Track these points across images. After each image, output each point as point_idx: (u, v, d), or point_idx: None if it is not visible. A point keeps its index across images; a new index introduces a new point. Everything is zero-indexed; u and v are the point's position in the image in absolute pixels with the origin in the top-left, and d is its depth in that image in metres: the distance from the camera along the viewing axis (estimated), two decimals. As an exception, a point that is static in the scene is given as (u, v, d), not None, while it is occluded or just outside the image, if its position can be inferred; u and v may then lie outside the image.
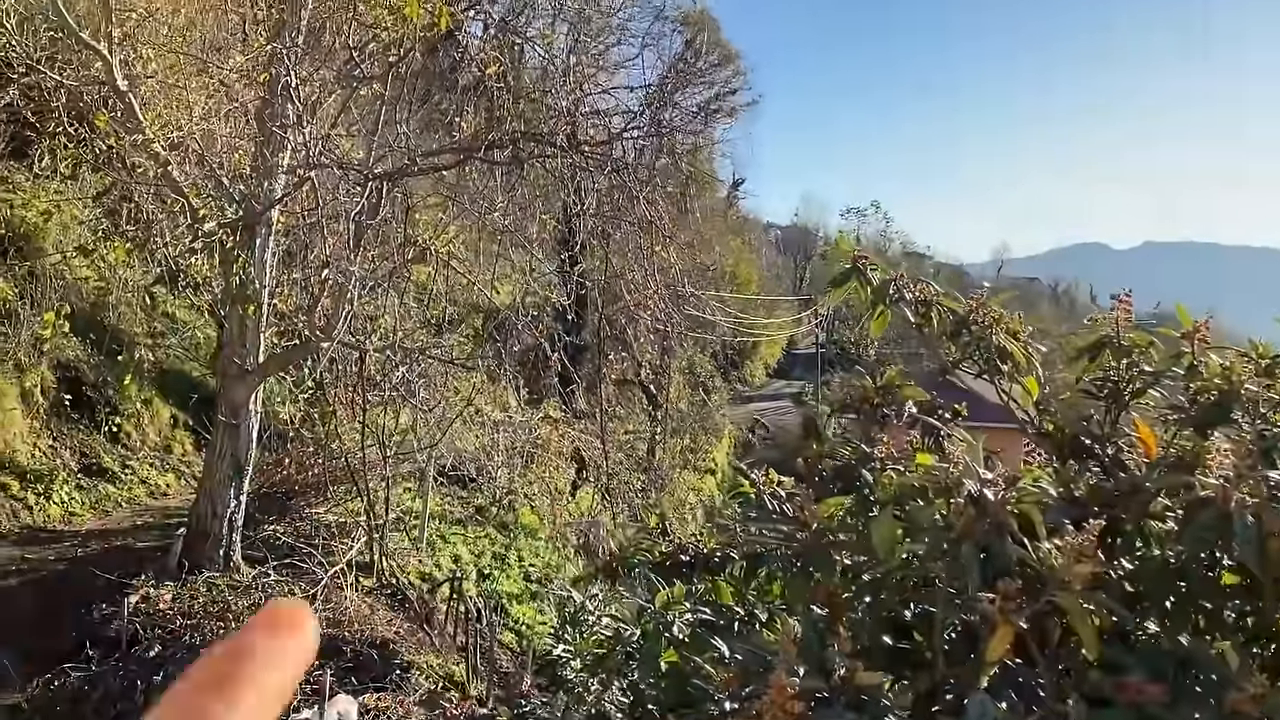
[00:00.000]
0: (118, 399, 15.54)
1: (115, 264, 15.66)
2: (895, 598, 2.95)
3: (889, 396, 3.71)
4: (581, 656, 5.56)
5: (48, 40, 11.67)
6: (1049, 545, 2.53)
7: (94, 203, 16.00)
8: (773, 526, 3.51)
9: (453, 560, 16.25)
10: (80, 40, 9.59)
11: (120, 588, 11.09)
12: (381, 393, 15.24)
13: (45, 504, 13.36)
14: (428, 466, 16.16)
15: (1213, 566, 2.86)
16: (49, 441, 14.30)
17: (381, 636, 11.49)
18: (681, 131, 25.24)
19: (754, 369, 62.23)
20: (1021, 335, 3.71)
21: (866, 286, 3.68)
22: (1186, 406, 3.42)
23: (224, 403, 11.80)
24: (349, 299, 11.06)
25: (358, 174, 11.18)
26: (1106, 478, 3.41)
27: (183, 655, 10.11)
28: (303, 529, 13.73)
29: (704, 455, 36.95)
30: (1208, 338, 3.51)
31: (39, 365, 14.51)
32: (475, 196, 14.91)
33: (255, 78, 10.61)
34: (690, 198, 28.46)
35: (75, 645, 10.23)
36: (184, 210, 10.62)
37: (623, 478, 27.12)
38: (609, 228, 19.90)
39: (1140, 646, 2.67)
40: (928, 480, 2.80)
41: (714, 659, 3.38)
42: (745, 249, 58.88)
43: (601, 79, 24.42)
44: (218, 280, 11.85)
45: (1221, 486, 2.55)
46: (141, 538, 13.19)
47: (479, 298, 18.65)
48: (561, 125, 14.51)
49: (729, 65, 36.58)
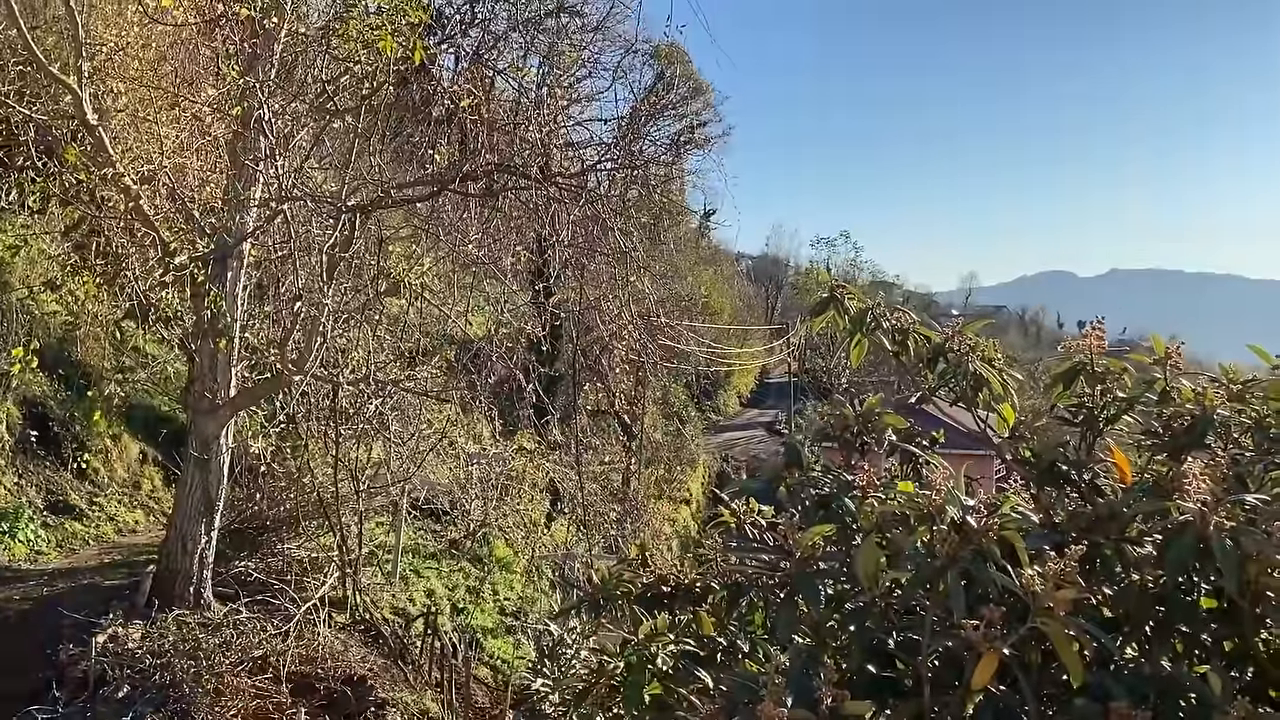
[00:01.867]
0: (85, 435, 15.31)
1: (84, 298, 15.50)
2: (879, 625, 2.96)
3: (869, 424, 3.74)
4: (561, 690, 5.52)
5: (16, 75, 11.59)
6: (1031, 571, 2.55)
7: (63, 237, 15.86)
8: (755, 556, 3.51)
9: (427, 595, 16.08)
10: (49, 74, 9.52)
11: (88, 627, 10.85)
12: (354, 426, 15.12)
13: (10, 542, 13.08)
14: (401, 500, 16.02)
15: (1191, 591, 2.88)
16: (14, 479, 14.04)
17: (356, 673, 11.32)
18: (654, 163, 25.42)
19: (727, 398, 62.33)
20: (997, 362, 3.75)
21: (844, 315, 3.72)
22: (1160, 432, 3.47)
23: (194, 437, 11.66)
24: (321, 332, 10.99)
25: (330, 206, 11.14)
26: (1084, 503, 3.44)
27: (152, 695, 9.92)
28: (275, 565, 13.52)
29: (679, 485, 36.90)
30: (1180, 363, 3.57)
31: (4, 401, 14.28)
32: (449, 228, 14.91)
33: (227, 111, 10.58)
34: (663, 229, 28.59)
35: (42, 685, 9.98)
36: (154, 244, 10.53)
37: (598, 509, 27.00)
38: (583, 258, 19.96)
39: (1124, 671, 2.69)
40: (910, 507, 2.82)
41: (699, 690, 3.37)
42: (717, 279, 59.14)
43: (574, 111, 24.61)
44: (188, 314, 11.74)
45: (1200, 511, 2.58)
46: (109, 575, 12.94)
47: (453, 329, 18.58)
48: (535, 157, 14.57)
49: (699, 97, 36.94)
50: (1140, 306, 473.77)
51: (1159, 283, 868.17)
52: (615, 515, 27.97)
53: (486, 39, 27.30)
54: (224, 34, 10.78)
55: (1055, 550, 2.64)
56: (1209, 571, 2.70)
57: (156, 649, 10.60)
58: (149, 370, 17.55)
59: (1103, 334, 3.64)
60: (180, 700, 9.87)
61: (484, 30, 27.41)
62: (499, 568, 19.02)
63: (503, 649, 16.20)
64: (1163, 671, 2.72)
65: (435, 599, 16.04)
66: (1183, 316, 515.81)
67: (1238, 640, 2.79)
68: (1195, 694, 2.62)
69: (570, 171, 15.24)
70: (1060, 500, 3.49)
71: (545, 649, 11.83)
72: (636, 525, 28.22)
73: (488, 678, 14.92)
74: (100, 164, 9.67)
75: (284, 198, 10.50)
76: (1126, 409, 3.58)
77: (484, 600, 17.35)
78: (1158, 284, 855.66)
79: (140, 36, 10.70)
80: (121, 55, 10.51)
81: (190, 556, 11.58)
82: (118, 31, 10.46)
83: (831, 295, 3.78)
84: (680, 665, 3.54)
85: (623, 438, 34.29)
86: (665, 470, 36.49)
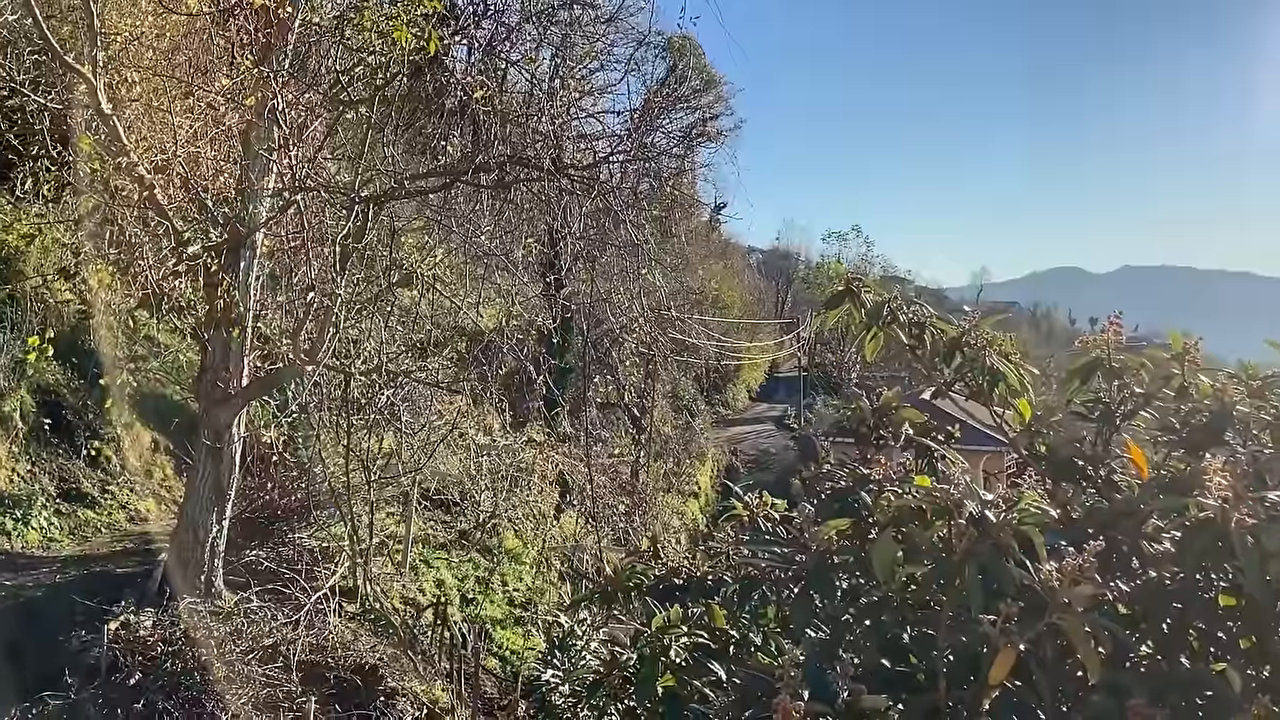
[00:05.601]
0: (98, 423, 15.37)
1: (97, 287, 15.54)
2: (895, 620, 2.95)
3: (885, 419, 3.72)
4: (571, 681, 5.52)
5: (31, 64, 11.62)
6: (1049, 567, 2.54)
7: (76, 226, 15.88)
8: (769, 549, 3.50)
9: (436, 585, 16.12)
10: (64, 64, 9.53)
11: (100, 614, 10.91)
12: (365, 416, 15.15)
13: (23, 530, 13.16)
14: (411, 490, 16.05)
15: (1209, 588, 2.86)
16: (28, 466, 14.11)
17: (366, 662, 11.35)
18: (665, 155, 25.38)
19: (737, 393, 62.18)
20: (1014, 357, 3.73)
21: (861, 309, 3.70)
22: (1178, 428, 3.45)
23: (206, 427, 11.69)
24: (334, 322, 11.01)
25: (343, 197, 11.15)
26: (1100, 499, 3.42)
27: (163, 682, 9.97)
28: (285, 554, 13.56)
29: (688, 479, 36.86)
30: (1198, 359, 3.54)
31: (19, 389, 14.35)
32: (461, 220, 14.91)
33: (241, 101, 10.58)
34: (674, 221, 28.55)
35: (54, 672, 10.05)
36: (168, 233, 10.55)
37: (607, 501, 27.01)
38: (594, 251, 19.95)
39: (1141, 668, 2.67)
40: (927, 502, 2.81)
41: (712, 683, 3.36)
42: (728, 273, 59.01)
43: (586, 103, 24.56)
44: (201, 304, 11.76)
45: (1220, 508, 2.56)
46: (121, 564, 13.00)
47: (464, 321, 18.59)
48: (547, 149, 14.56)
49: (711, 90, 36.77)
50: (1152, 303, 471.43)
51: (1171, 279, 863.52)
52: (624, 508, 27.98)
53: (499, 30, 27.27)
54: (238, 24, 10.77)
55: (1072, 546, 2.63)
56: (1228, 568, 2.69)
57: (168, 637, 10.65)
58: (162, 359, 17.60)
59: (1120, 329, 3.62)
60: (191, 688, 9.93)
61: (497, 22, 27.39)
62: (508, 559, 19.06)
63: (512, 640, 16.23)
64: (1180, 669, 2.70)
65: (445, 589, 16.08)
66: (1195, 313, 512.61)
67: (1256, 638, 2.77)
68: (1213, 692, 2.61)
69: (582, 164, 15.23)
70: (1077, 496, 3.47)
71: (555, 640, 11.87)
72: (645, 518, 28.24)
73: (497, 668, 14.95)
74: (114, 153, 9.68)
75: (297, 188, 10.50)
76: (1144, 405, 3.56)
77: (493, 591, 17.39)
78: (1170, 281, 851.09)
79: (155, 26, 10.69)
80: (136, 45, 10.51)
81: (201, 545, 11.62)
82: (132, 21, 10.45)
83: (848, 288, 3.76)
84: (693, 657, 3.54)
85: (632, 431, 34.28)
86: (674, 464, 36.45)
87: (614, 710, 3.84)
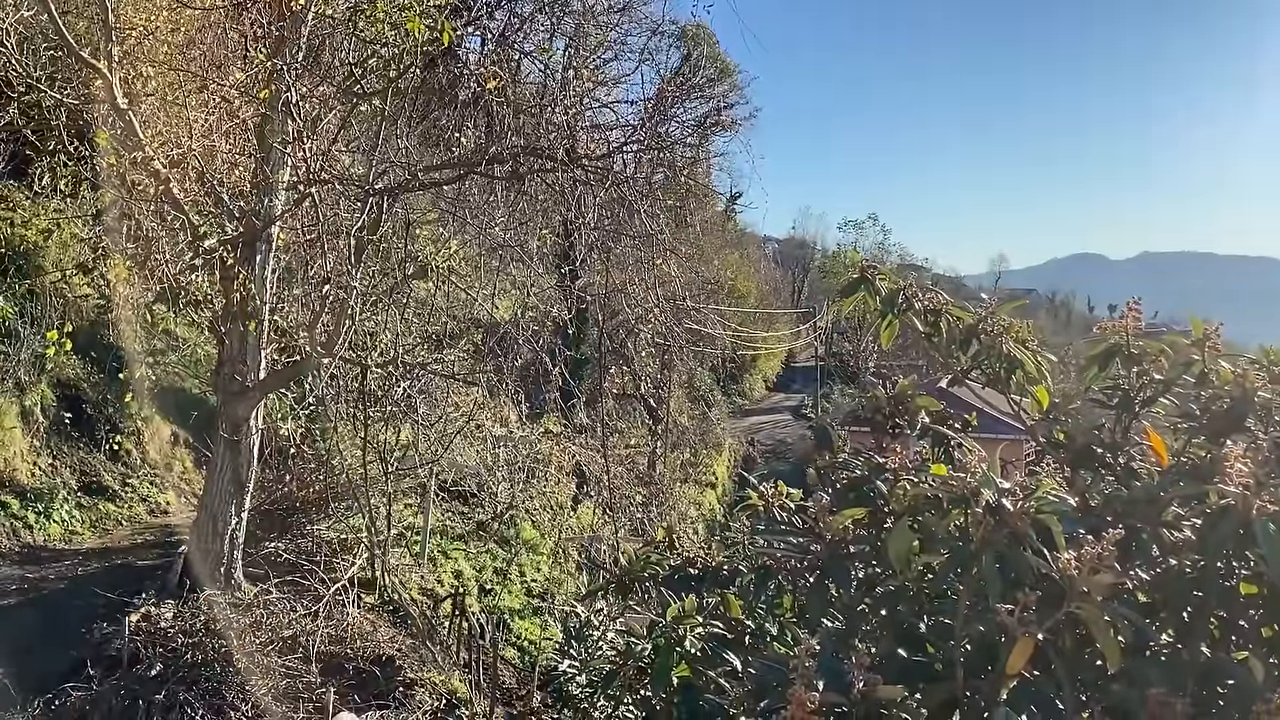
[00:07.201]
0: (118, 417, 15.49)
1: (115, 282, 15.64)
2: (911, 609, 2.93)
3: (902, 407, 3.69)
4: (588, 672, 5.52)
5: (48, 59, 11.66)
6: (1067, 555, 2.51)
7: (94, 220, 15.99)
8: (784, 539, 3.49)
9: (454, 576, 16.18)
10: (80, 59, 9.58)
11: (121, 606, 11.02)
12: (382, 408, 15.21)
13: (45, 523, 13.29)
14: (429, 482, 16.11)
15: (1230, 576, 2.83)
16: (49, 460, 14.24)
17: (384, 653, 11.41)
18: (680, 145, 25.31)
19: (753, 383, 62.10)
20: (1031, 344, 3.69)
21: (875, 296, 3.67)
22: (1198, 414, 3.40)
23: (225, 420, 11.75)
24: (350, 315, 11.03)
25: (358, 189, 11.17)
26: (1119, 487, 3.39)
27: (184, 674, 10.06)
28: (304, 545, 13.65)
29: (704, 469, 36.86)
30: (1219, 345, 3.49)
31: (39, 383, 14.48)
32: (475, 211, 14.91)
33: (255, 94, 10.60)
34: (689, 211, 28.48)
35: (76, 664, 10.15)
36: (184, 227, 10.60)
37: (624, 492, 27.04)
38: (609, 241, 19.92)
39: (1161, 657, 2.65)
40: (944, 490, 2.78)
41: (727, 673, 3.36)
42: (743, 262, 58.85)
43: (599, 94, 24.51)
44: (218, 297, 11.82)
45: (1241, 495, 2.53)
46: (142, 556, 13.12)
47: (479, 312, 18.62)
48: (560, 140, 14.53)
49: (726, 79, 36.63)
50: (1172, 290, 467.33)
51: (1191, 266, 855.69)
52: (641, 498, 28.01)
53: (513, 21, 27.25)
54: (252, 17, 10.79)
55: (1091, 534, 2.60)
56: (1249, 556, 2.65)
57: (188, 628, 10.74)
58: (180, 353, 17.71)
59: (1139, 315, 3.57)
60: (212, 679, 10.01)
61: (510, 12, 27.38)
62: (526, 549, 19.10)
63: (530, 630, 16.28)
64: (1201, 658, 2.67)
65: (463, 580, 16.13)
66: (1216, 300, 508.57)
67: (1278, 627, 2.74)
68: (1235, 681, 2.58)
69: (596, 154, 15.18)
70: (1095, 483, 3.44)
71: (572, 630, 11.89)
72: (662, 508, 28.25)
73: (515, 659, 15.01)
74: (130, 148, 9.73)
75: (312, 181, 10.52)
76: (1163, 391, 3.51)
77: (511, 582, 17.43)
78: (1190, 267, 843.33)
79: (169, 20, 10.73)
80: (151, 39, 10.54)
81: (221, 537, 11.70)
82: (147, 16, 10.49)
83: (863, 276, 3.74)
84: (708, 648, 3.53)
85: (648, 421, 34.29)
86: (691, 454, 36.45)
87: (630, 700, 3.84)
